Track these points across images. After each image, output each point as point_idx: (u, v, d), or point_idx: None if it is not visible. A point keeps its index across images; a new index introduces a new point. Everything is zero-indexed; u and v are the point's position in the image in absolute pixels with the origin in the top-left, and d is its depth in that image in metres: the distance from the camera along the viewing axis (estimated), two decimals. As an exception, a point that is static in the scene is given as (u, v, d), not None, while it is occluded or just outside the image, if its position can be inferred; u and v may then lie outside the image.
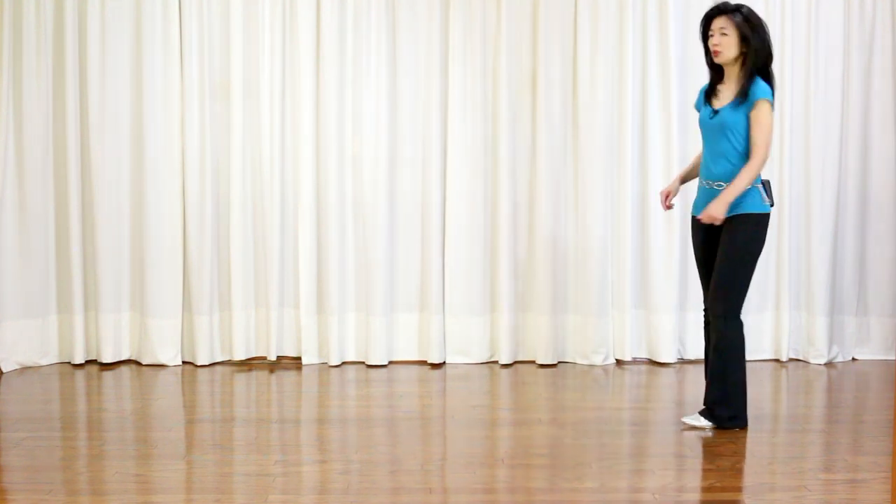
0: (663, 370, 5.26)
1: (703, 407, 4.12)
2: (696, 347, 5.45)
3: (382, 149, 5.30)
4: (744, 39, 3.97)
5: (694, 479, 3.46)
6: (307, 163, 5.32)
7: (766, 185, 4.04)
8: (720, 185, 3.99)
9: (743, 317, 5.39)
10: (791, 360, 5.46)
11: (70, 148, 5.25)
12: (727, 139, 3.98)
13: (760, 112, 3.93)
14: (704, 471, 3.55)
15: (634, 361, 5.45)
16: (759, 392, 4.83)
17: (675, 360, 5.40)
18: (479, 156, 5.33)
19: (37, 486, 3.39)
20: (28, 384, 4.96)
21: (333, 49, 5.28)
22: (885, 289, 5.49)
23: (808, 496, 3.29)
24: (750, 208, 3.98)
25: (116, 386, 5.00)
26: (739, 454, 3.75)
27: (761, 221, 4.00)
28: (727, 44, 3.98)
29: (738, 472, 3.54)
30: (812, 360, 5.41)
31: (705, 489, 3.36)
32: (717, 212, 3.92)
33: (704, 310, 4.21)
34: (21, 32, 5.21)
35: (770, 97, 3.96)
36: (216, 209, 5.35)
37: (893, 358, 5.47)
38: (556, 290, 5.37)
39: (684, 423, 4.12)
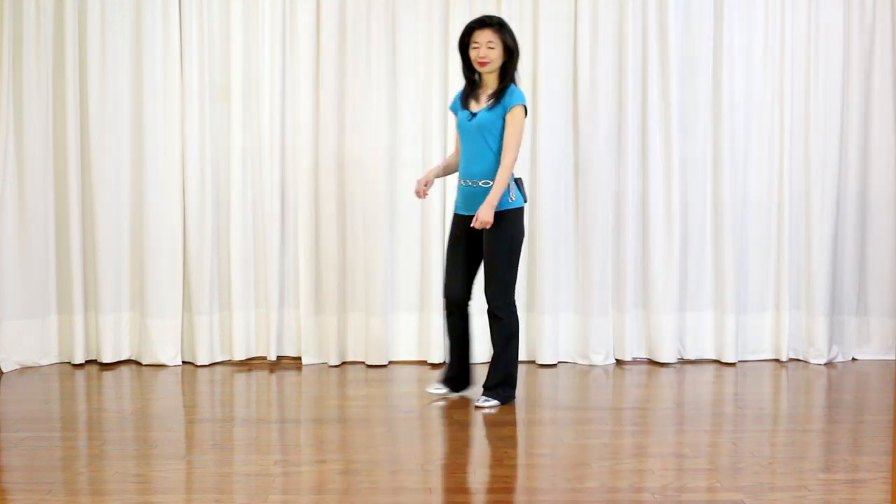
0: (663, 370, 5.26)
1: (483, 388, 4.49)
2: (697, 347, 5.46)
3: (382, 149, 5.30)
4: (507, 51, 4.38)
5: (694, 479, 3.46)
6: (307, 163, 5.32)
7: (519, 182, 4.46)
8: (487, 183, 4.34)
9: (743, 316, 5.46)
10: (791, 360, 5.46)
11: (70, 148, 5.25)
12: (483, 140, 4.36)
13: (515, 116, 4.34)
14: (704, 471, 3.55)
15: (634, 361, 5.45)
16: (759, 392, 4.84)
17: (675, 360, 5.40)
18: (479, 156, 5.33)
19: (37, 486, 3.38)
20: (28, 384, 4.96)
21: (333, 49, 5.28)
22: (885, 289, 5.49)
23: (808, 496, 3.29)
24: (509, 205, 4.36)
25: (116, 386, 5.00)
26: (739, 454, 3.75)
27: (519, 215, 4.41)
28: (495, 56, 4.37)
29: (738, 472, 3.54)
30: (812, 360, 5.41)
31: (705, 489, 3.36)
32: (488, 216, 4.28)
33: (448, 296, 4.50)
34: (21, 32, 5.21)
35: (525, 102, 4.38)
36: (216, 209, 5.36)
37: (893, 358, 5.47)
38: (556, 289, 5.37)
39: (478, 406, 4.43)
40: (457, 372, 4.64)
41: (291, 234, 5.39)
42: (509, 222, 4.35)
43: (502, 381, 4.46)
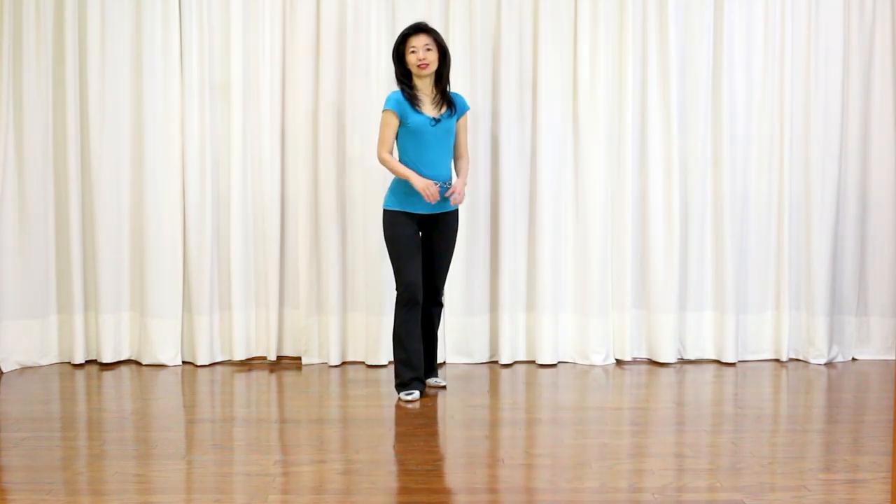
0: (663, 370, 5.27)
1: (431, 371, 4.84)
2: (697, 347, 5.46)
3: (382, 149, 5.30)
4: (441, 53, 4.58)
5: (694, 479, 3.46)
6: (307, 162, 5.32)
7: None
8: (447, 185, 4.60)
9: (743, 316, 5.46)
10: (791, 360, 5.46)
11: (70, 148, 5.25)
12: (449, 143, 4.62)
13: (468, 120, 4.80)
14: (704, 471, 3.55)
15: (634, 361, 5.45)
16: (759, 392, 4.83)
17: (675, 360, 5.40)
18: (479, 155, 5.33)
19: (37, 486, 3.39)
20: (28, 384, 4.96)
21: (333, 49, 5.28)
22: (885, 289, 5.49)
23: (808, 496, 3.29)
24: (456, 206, 4.65)
25: (116, 386, 5.00)
26: (739, 454, 3.75)
27: None
28: (433, 58, 4.56)
29: (738, 472, 3.54)
30: (812, 360, 5.41)
31: (705, 489, 3.36)
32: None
33: (415, 289, 4.57)
34: (21, 32, 5.21)
35: None
36: (216, 209, 5.36)
37: (893, 358, 5.47)
38: (556, 290, 5.37)
39: (435, 384, 4.83)
40: (420, 365, 4.68)
41: (291, 234, 5.39)
42: (458, 221, 4.75)
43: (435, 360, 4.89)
